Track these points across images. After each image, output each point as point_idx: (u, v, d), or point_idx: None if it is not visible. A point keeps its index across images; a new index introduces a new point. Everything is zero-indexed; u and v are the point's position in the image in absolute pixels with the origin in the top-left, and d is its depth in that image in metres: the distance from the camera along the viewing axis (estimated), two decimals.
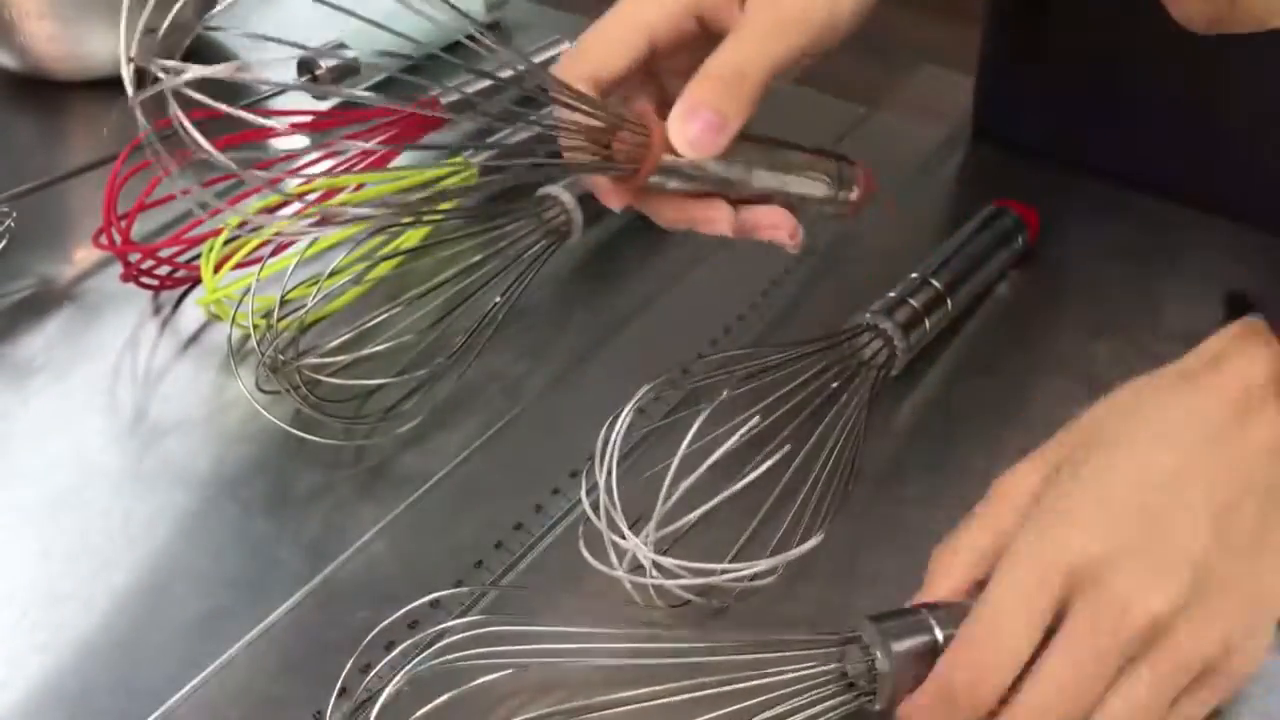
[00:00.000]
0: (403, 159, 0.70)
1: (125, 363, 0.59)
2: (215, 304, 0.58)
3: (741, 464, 0.47)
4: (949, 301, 0.58)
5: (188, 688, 0.46)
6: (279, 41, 0.45)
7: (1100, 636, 0.40)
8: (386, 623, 0.47)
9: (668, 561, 0.45)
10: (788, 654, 0.42)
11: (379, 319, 0.56)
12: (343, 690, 0.45)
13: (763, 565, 0.46)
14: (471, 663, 0.41)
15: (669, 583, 0.45)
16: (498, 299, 0.57)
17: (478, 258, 0.58)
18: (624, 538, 0.45)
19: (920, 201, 0.70)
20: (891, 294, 0.57)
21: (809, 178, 0.53)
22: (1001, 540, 0.44)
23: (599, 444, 0.46)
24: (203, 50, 0.82)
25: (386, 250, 0.59)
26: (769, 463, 0.47)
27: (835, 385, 0.52)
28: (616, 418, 0.47)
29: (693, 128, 0.46)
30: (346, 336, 0.55)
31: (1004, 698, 0.41)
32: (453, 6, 0.46)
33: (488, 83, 0.74)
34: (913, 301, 0.57)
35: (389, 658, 0.45)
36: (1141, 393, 0.47)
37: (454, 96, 0.72)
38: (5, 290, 0.63)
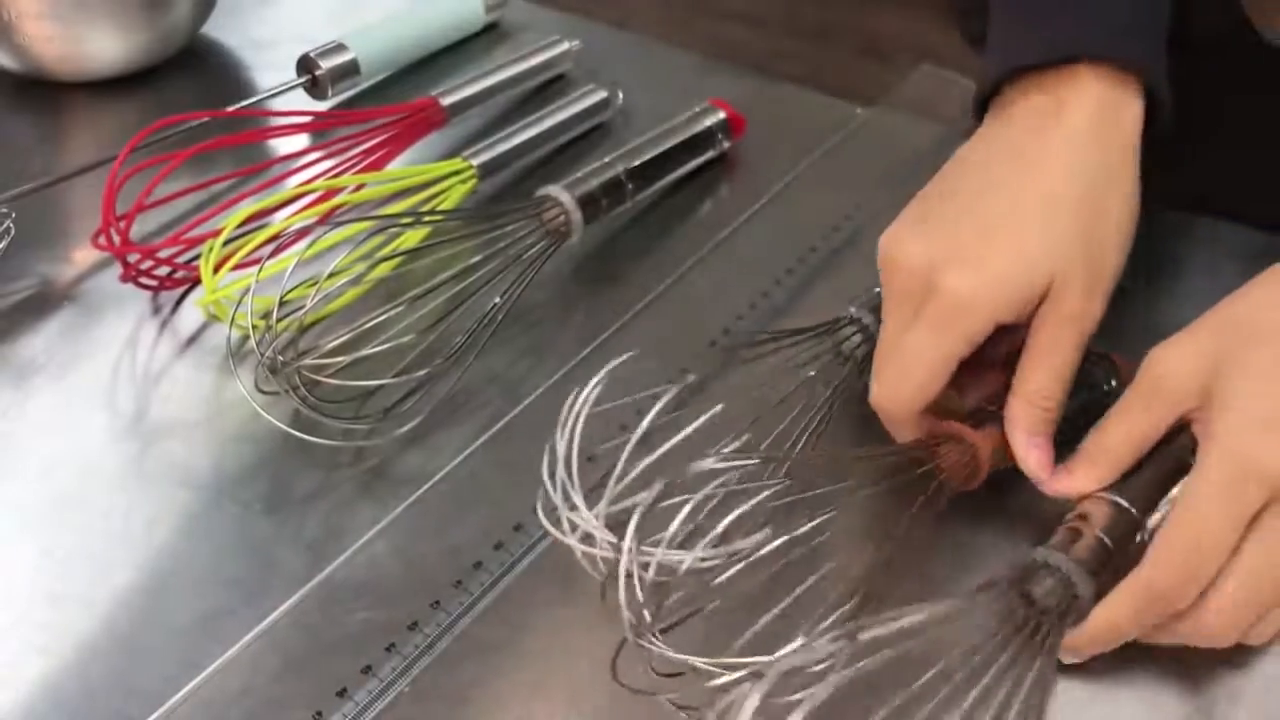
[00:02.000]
0: (402, 159, 0.70)
1: (125, 363, 0.59)
2: (214, 305, 0.58)
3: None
4: None
5: (188, 688, 0.46)
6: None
7: None
8: (386, 623, 0.47)
9: (610, 536, 0.45)
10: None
11: (379, 319, 0.56)
12: (343, 691, 0.45)
13: (707, 551, 0.45)
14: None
15: (616, 556, 0.44)
16: (497, 299, 0.57)
17: (477, 258, 0.58)
18: (574, 508, 0.45)
19: None
20: (877, 289, 0.57)
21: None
22: (1153, 433, 0.47)
23: (562, 413, 0.46)
24: (202, 51, 0.82)
25: (386, 251, 0.59)
26: (737, 443, 0.48)
27: (812, 374, 0.53)
28: (583, 388, 0.47)
29: (1034, 455, 0.48)
30: (346, 337, 0.55)
31: None
32: None
33: (487, 84, 0.75)
34: None
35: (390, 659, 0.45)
36: None
37: (455, 98, 0.72)
38: (5, 290, 0.63)
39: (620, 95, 0.75)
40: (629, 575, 0.42)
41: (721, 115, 0.71)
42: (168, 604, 0.49)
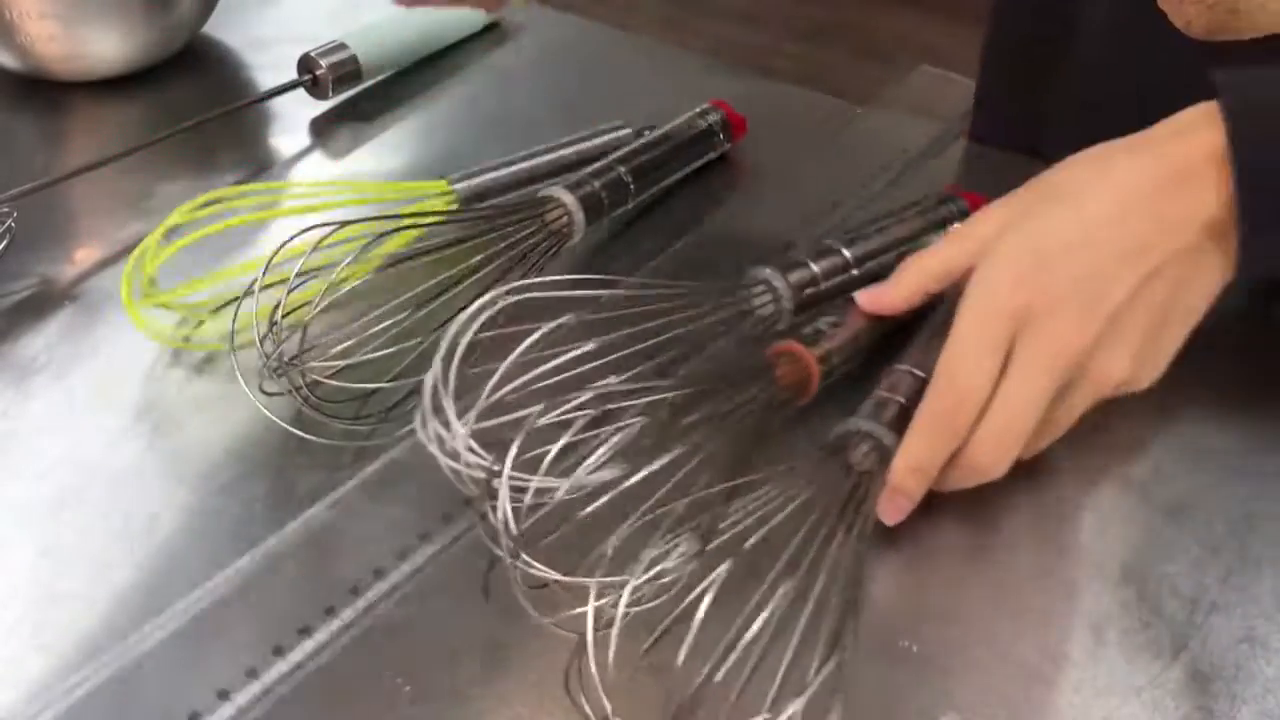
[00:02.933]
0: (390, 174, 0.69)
1: (125, 362, 0.59)
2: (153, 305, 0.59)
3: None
4: (855, 270, 0.59)
5: (188, 687, 0.46)
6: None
7: (1039, 368, 0.49)
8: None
9: (468, 455, 0.47)
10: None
11: (383, 322, 0.56)
12: (305, 629, 0.47)
13: (566, 481, 0.46)
14: None
15: (467, 470, 0.47)
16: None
17: (479, 258, 0.58)
18: (447, 426, 0.47)
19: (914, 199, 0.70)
20: (792, 253, 0.59)
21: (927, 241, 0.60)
22: (950, 268, 0.53)
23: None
24: (203, 51, 0.82)
25: (387, 250, 0.59)
26: (619, 378, 0.49)
27: (720, 328, 0.55)
28: (473, 314, 0.50)
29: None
30: (349, 342, 0.55)
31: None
32: None
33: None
34: (813, 265, 0.58)
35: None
36: (1106, 151, 0.52)
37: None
38: (7, 290, 0.63)
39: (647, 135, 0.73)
40: (499, 498, 0.44)
41: (722, 116, 0.71)
42: (168, 603, 0.49)
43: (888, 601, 0.50)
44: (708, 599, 0.43)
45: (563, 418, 0.47)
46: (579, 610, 0.43)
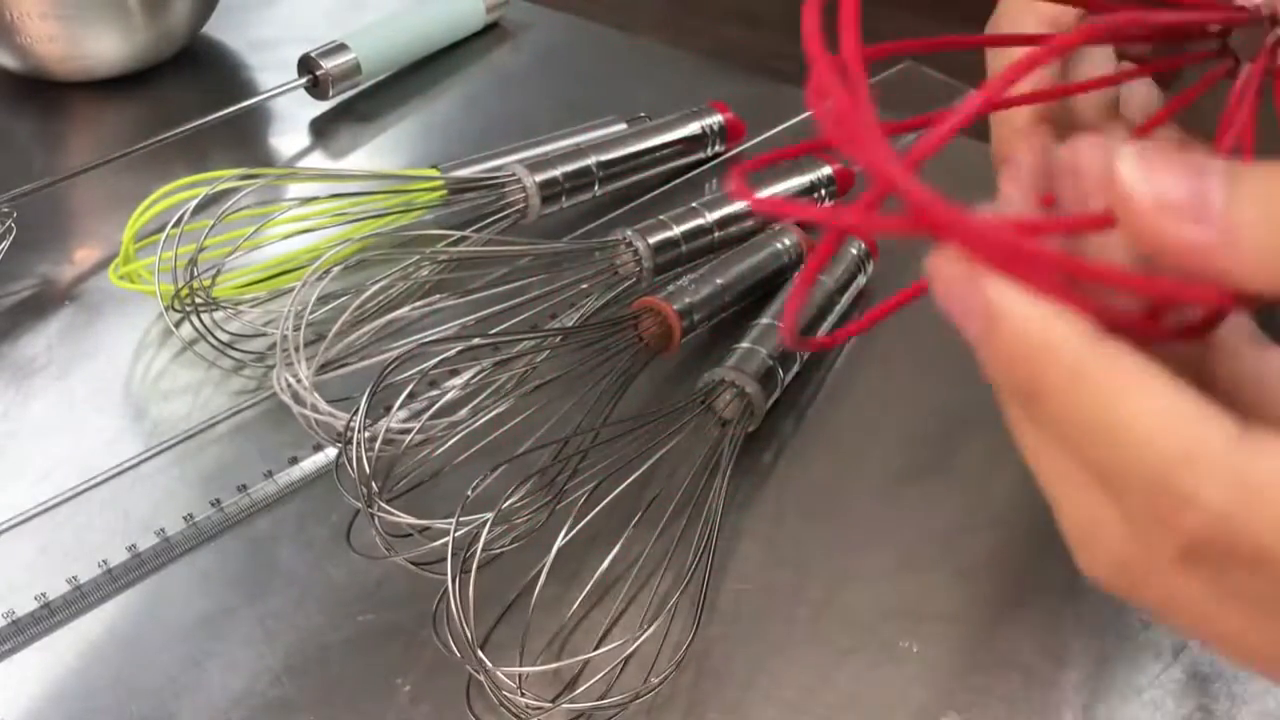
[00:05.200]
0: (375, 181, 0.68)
1: (126, 363, 0.59)
2: (130, 275, 0.59)
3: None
4: (716, 232, 0.61)
5: (188, 688, 0.46)
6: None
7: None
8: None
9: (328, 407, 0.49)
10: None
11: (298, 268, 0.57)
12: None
13: (409, 423, 0.48)
14: None
15: (317, 417, 0.50)
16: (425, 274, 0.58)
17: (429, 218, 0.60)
18: (294, 374, 0.50)
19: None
20: (663, 215, 0.60)
21: None
22: None
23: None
24: (203, 51, 0.82)
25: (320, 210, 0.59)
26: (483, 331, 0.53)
27: (583, 286, 0.57)
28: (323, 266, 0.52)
29: None
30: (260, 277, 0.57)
31: None
32: None
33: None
34: (675, 227, 0.60)
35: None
36: None
37: None
38: (7, 290, 0.63)
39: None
40: (358, 448, 0.46)
41: (716, 118, 0.71)
42: (168, 603, 0.49)
43: (888, 601, 0.50)
44: (561, 539, 0.45)
45: (423, 367, 0.49)
46: (436, 544, 0.45)
